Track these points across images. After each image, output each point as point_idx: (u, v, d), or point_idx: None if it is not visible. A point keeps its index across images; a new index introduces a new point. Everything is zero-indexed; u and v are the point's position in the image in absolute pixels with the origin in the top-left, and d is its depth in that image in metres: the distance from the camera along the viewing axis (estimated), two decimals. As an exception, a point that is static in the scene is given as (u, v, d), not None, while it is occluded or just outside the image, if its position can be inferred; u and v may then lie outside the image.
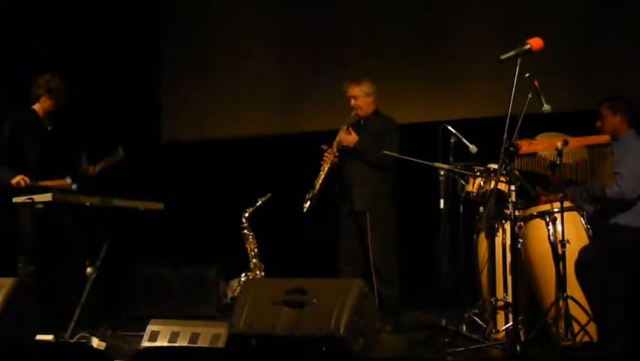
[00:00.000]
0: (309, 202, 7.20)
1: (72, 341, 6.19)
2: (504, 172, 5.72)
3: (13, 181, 6.84)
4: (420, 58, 8.76)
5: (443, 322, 6.37)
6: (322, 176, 7.21)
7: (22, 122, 7.12)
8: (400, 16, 8.93)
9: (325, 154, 7.25)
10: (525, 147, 5.47)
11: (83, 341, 6.25)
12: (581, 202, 6.06)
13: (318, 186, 7.21)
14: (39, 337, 5.98)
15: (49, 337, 6.08)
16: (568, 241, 5.69)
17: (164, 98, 10.05)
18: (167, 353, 4.83)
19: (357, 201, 7.11)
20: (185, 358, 4.69)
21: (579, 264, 5.71)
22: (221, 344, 5.37)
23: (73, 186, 6.87)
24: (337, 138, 7.23)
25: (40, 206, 6.44)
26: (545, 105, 5.34)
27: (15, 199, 6.48)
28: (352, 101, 7.22)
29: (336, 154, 7.24)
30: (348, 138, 7.17)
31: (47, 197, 6.35)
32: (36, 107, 7.20)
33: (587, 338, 5.63)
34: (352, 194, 7.13)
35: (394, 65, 8.78)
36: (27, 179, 6.83)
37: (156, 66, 10.02)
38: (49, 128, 7.24)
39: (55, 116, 7.26)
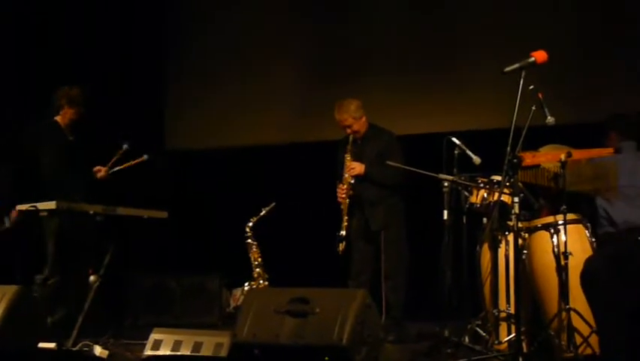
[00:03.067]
0: (341, 243, 7.13)
1: (75, 349, 6.19)
2: (507, 184, 5.72)
3: (99, 175, 7.15)
4: (425, 69, 8.79)
5: (446, 333, 6.36)
6: (345, 212, 7.17)
7: (44, 134, 7.17)
8: (406, 27, 8.97)
9: (339, 191, 7.22)
10: (529, 158, 5.47)
11: (86, 349, 6.24)
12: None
13: (345, 225, 7.16)
14: (42, 345, 5.99)
15: (52, 345, 6.09)
16: (571, 253, 5.70)
17: (169, 107, 10.09)
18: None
19: (372, 220, 7.15)
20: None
21: (584, 275, 5.71)
22: (224, 353, 5.37)
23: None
24: (345, 173, 7.20)
25: (44, 214, 6.47)
26: (549, 118, 5.34)
27: (19, 207, 6.50)
28: (347, 130, 7.19)
29: (350, 185, 7.18)
30: (356, 169, 7.15)
31: (51, 205, 6.37)
32: (58, 118, 7.26)
33: (589, 351, 5.64)
34: (366, 213, 7.16)
35: (401, 76, 8.82)
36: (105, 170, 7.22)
37: (161, 75, 10.05)
38: (70, 138, 7.29)
39: (75, 127, 7.31)
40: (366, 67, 8.99)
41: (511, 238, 6.14)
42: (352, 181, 7.17)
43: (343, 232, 7.14)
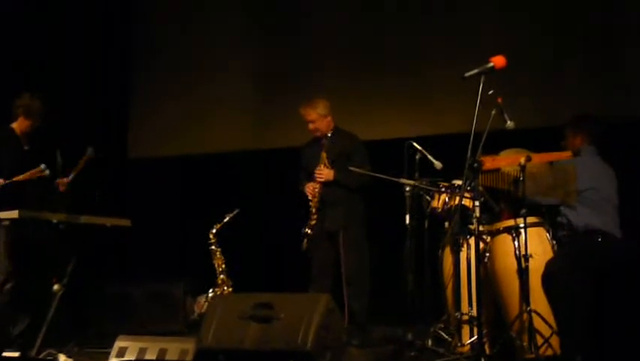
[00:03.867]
0: (305, 240, 7.10)
1: (39, 358, 6.17)
2: (468, 188, 5.79)
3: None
4: (385, 75, 8.80)
5: (409, 336, 6.39)
6: (314, 210, 7.14)
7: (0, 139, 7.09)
8: (366, 33, 8.99)
9: (308, 188, 7.20)
10: (489, 162, 5.53)
11: (50, 358, 6.23)
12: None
13: (312, 223, 7.12)
14: (5, 354, 5.96)
15: (16, 354, 6.06)
16: (532, 256, 5.76)
17: (133, 114, 10.07)
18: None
19: (330, 220, 7.13)
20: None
21: (546, 276, 5.79)
22: (189, 358, 5.39)
23: (47, 172, 6.78)
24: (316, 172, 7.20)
25: (6, 223, 6.43)
26: (509, 122, 5.40)
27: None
28: (310, 125, 7.24)
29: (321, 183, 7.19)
30: (324, 175, 7.15)
31: (14, 214, 6.34)
32: (14, 125, 7.17)
33: (550, 351, 5.69)
34: (325, 214, 7.14)
35: (361, 81, 8.83)
36: (1, 180, 6.76)
37: (126, 82, 10.04)
38: (26, 148, 7.20)
39: (32, 135, 7.23)
40: (326, 72, 9.00)
41: (472, 241, 6.20)
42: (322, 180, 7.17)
43: (309, 230, 7.10)
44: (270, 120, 9.40)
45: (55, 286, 6.49)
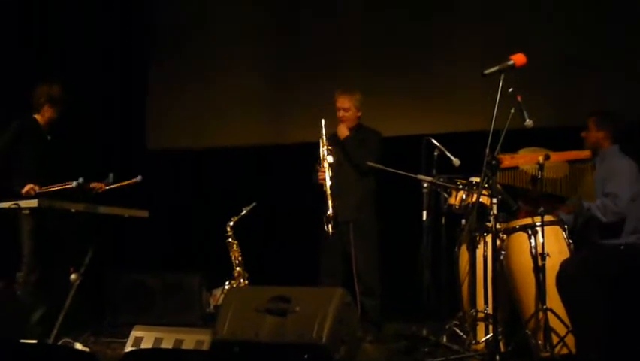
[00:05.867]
0: (330, 224, 6.99)
1: (56, 345, 6.20)
2: (486, 185, 5.80)
3: (23, 191, 6.80)
4: (405, 71, 8.80)
5: (424, 332, 6.42)
6: (329, 194, 7.05)
7: (23, 131, 7.11)
8: (386, 29, 8.98)
9: (319, 173, 7.17)
10: (507, 160, 5.54)
11: (66, 347, 6.25)
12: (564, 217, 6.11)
13: (331, 205, 7.03)
14: (23, 341, 5.99)
15: (33, 342, 6.09)
16: (548, 254, 5.76)
17: (151, 106, 10.10)
18: (153, 355, 4.85)
19: (341, 212, 7.08)
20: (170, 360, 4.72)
21: (560, 276, 5.78)
22: (205, 349, 5.40)
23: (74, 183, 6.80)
24: (321, 154, 7.21)
25: (26, 212, 6.48)
26: (528, 120, 5.39)
27: (0, 205, 6.49)
28: (341, 112, 7.23)
29: (330, 165, 7.13)
30: (340, 130, 7.22)
31: (33, 203, 6.38)
32: (37, 116, 7.18)
33: (565, 350, 5.71)
34: (336, 205, 7.09)
35: (380, 78, 8.81)
36: (36, 188, 6.76)
37: (145, 75, 10.07)
38: (49, 138, 7.23)
39: (54, 126, 7.26)
40: (341, 68, 9.00)
41: (489, 238, 6.20)
42: (331, 161, 7.12)
43: (330, 212, 6.99)
44: (285, 115, 9.42)
45: (73, 276, 6.53)
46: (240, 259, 7.85)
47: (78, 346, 6.23)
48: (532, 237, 5.98)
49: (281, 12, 9.65)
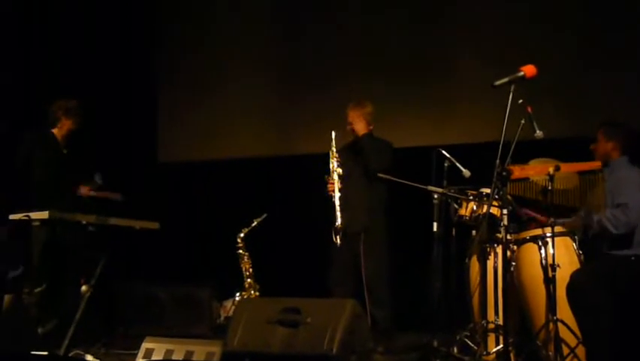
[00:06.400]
0: (338, 235, 7.03)
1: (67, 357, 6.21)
2: (496, 196, 5.79)
3: (81, 192, 6.96)
4: (415, 83, 8.80)
5: (435, 343, 6.40)
6: (338, 205, 7.09)
7: (39, 143, 7.17)
8: (397, 40, 9.00)
9: (329, 185, 7.21)
10: (517, 171, 5.54)
11: (77, 358, 6.27)
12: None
13: (340, 217, 7.07)
14: (33, 353, 6.00)
15: (44, 354, 6.10)
16: (558, 265, 5.76)
17: (161, 119, 10.13)
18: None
19: (350, 224, 7.11)
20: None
21: (570, 287, 5.77)
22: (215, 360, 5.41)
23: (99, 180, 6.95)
24: (331, 165, 7.24)
25: (37, 223, 6.50)
26: (538, 131, 5.38)
27: (12, 216, 6.52)
28: (349, 126, 7.28)
29: (339, 176, 7.19)
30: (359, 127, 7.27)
31: (44, 215, 6.41)
32: (55, 130, 7.26)
33: (576, 361, 5.70)
34: (346, 215, 7.11)
35: (390, 89, 8.81)
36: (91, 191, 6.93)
37: (154, 87, 10.11)
38: (65, 151, 7.29)
39: (71, 140, 7.32)
40: (351, 80, 9.01)
41: (499, 250, 6.20)
42: (340, 172, 7.17)
43: (339, 223, 7.03)
44: (295, 127, 9.44)
45: (84, 287, 6.55)
46: (250, 270, 7.87)
47: (89, 358, 6.25)
48: (543, 248, 5.97)
49: (288, 24, 9.66)
